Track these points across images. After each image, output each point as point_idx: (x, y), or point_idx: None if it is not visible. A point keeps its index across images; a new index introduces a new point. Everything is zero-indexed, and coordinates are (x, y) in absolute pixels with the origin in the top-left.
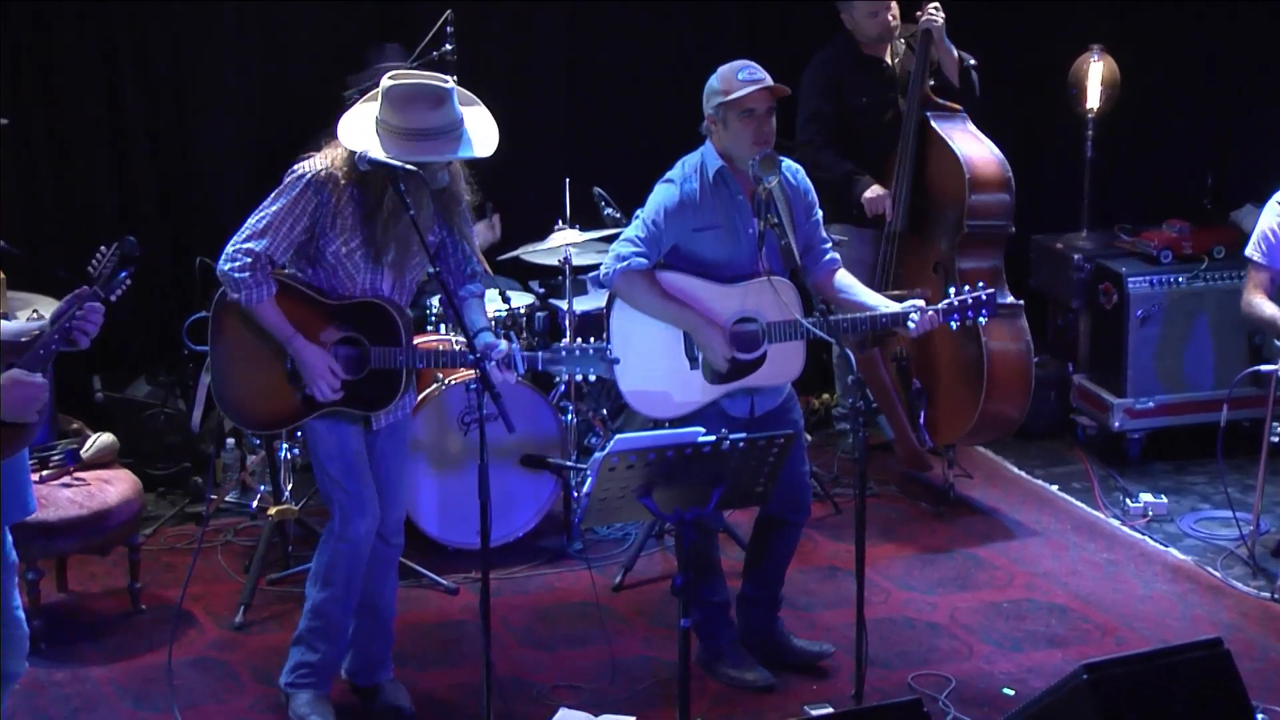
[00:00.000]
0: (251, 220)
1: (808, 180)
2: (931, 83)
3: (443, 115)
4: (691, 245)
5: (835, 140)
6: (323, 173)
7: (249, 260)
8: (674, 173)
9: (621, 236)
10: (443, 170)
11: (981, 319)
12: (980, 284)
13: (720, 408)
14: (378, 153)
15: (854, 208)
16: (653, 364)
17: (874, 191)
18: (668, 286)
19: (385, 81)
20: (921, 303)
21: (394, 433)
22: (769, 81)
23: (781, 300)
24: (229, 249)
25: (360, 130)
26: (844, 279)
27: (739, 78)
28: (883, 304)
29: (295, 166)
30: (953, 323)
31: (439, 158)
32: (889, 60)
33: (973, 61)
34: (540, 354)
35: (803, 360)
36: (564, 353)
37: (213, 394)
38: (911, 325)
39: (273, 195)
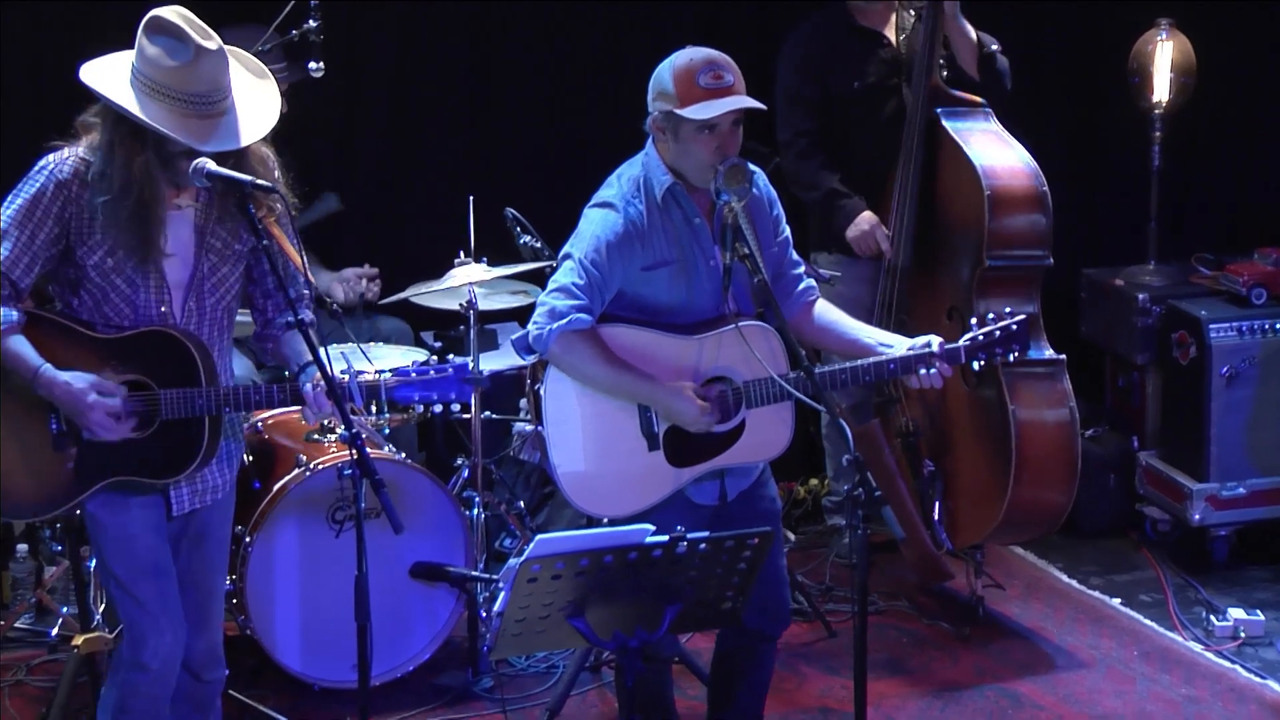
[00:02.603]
0: None
1: (771, 187)
2: (945, 73)
3: (197, 77)
4: (639, 288)
5: (822, 144)
6: (70, 162)
7: None
8: (609, 192)
9: (551, 284)
10: (193, 161)
11: (1013, 356)
12: (1008, 310)
13: (685, 496)
14: (131, 109)
15: (842, 235)
16: (603, 448)
17: (859, 227)
18: (616, 346)
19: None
20: (939, 340)
21: (203, 526)
22: (740, 98)
23: (758, 351)
24: None
25: (110, 76)
26: (826, 313)
27: (700, 83)
28: (886, 341)
29: (41, 159)
30: (977, 363)
31: (183, 139)
32: (892, 36)
33: (996, 46)
34: (383, 378)
35: (791, 429)
36: (413, 374)
37: None
38: (931, 371)
39: (10, 195)
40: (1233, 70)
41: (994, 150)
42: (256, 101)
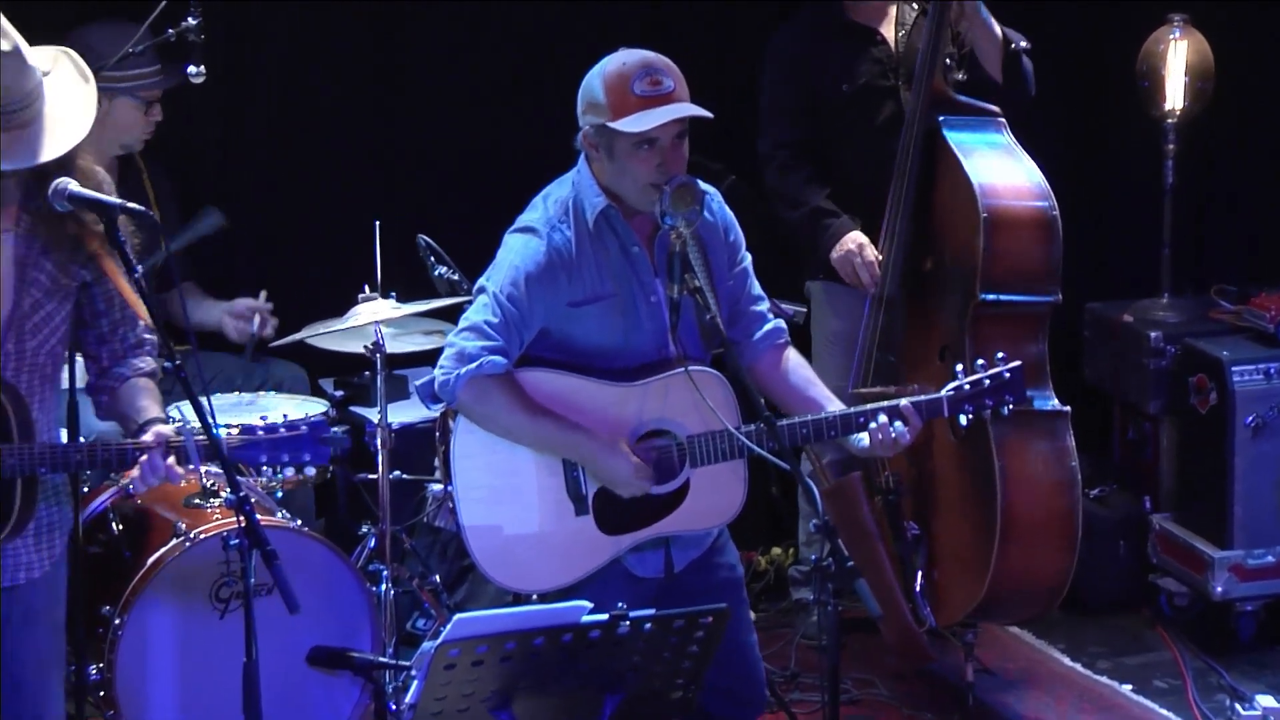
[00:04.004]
0: None
1: (727, 210)
2: (962, 76)
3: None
4: (566, 326)
5: (808, 154)
6: None
7: None
8: (533, 216)
9: (462, 322)
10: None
11: (1006, 409)
12: (1000, 356)
13: (623, 567)
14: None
15: (827, 260)
16: (522, 512)
17: (846, 246)
18: (536, 394)
19: None
20: (907, 404)
21: (28, 608)
22: (681, 106)
23: (707, 401)
24: None
25: None
26: (800, 369)
27: (635, 91)
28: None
29: None
30: (963, 416)
31: None
32: (889, 33)
33: (1024, 44)
34: (222, 437)
35: (744, 491)
36: (260, 432)
37: None
38: (879, 432)
39: None
40: (1255, 73)
41: (998, 166)
42: (69, 112)
